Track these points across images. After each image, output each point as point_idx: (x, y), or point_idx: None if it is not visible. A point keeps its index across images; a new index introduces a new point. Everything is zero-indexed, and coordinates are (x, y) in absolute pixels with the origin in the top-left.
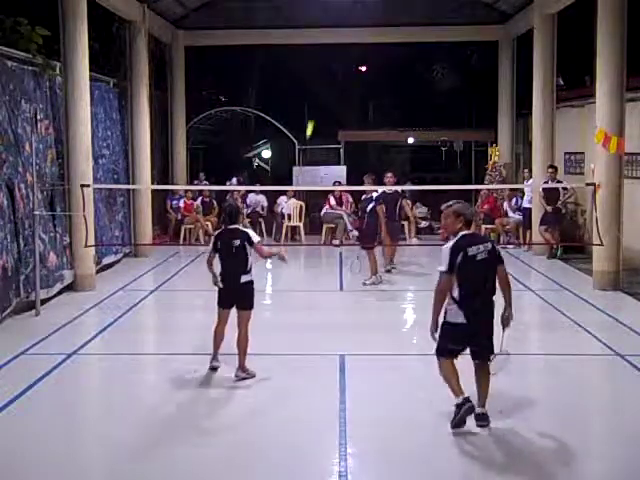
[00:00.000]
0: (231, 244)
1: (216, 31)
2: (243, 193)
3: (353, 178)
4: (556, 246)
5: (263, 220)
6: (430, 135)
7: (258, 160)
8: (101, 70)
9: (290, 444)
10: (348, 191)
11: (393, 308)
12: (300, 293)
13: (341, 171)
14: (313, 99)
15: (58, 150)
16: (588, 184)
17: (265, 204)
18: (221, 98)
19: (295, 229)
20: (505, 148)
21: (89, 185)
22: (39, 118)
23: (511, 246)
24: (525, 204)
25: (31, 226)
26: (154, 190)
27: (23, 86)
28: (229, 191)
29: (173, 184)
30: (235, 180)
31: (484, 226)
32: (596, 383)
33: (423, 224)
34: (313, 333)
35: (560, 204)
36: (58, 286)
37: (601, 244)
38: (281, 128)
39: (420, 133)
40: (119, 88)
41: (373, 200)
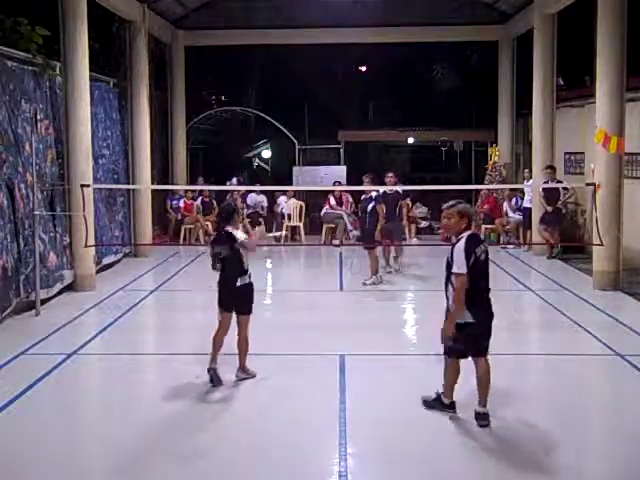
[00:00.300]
0: (223, 249)
1: (216, 31)
2: (243, 193)
3: (353, 178)
4: (555, 246)
5: (263, 220)
6: (430, 135)
7: (258, 160)
8: (101, 70)
9: (290, 444)
10: (348, 191)
11: (393, 308)
12: (300, 293)
13: (341, 171)
14: (313, 99)
15: (58, 150)
16: (588, 184)
17: (265, 204)
18: (221, 98)
19: (295, 229)
20: (505, 148)
21: (89, 185)
22: (39, 118)
23: (511, 246)
24: (525, 204)
25: (31, 226)
26: (154, 190)
27: (23, 86)
28: (229, 191)
29: (173, 184)
30: (235, 180)
31: (484, 226)
32: (596, 383)
33: (423, 224)
34: (313, 333)
35: (560, 204)
36: (58, 286)
37: (601, 244)
38: (281, 128)
39: (420, 133)
40: (119, 88)
41: (373, 200)
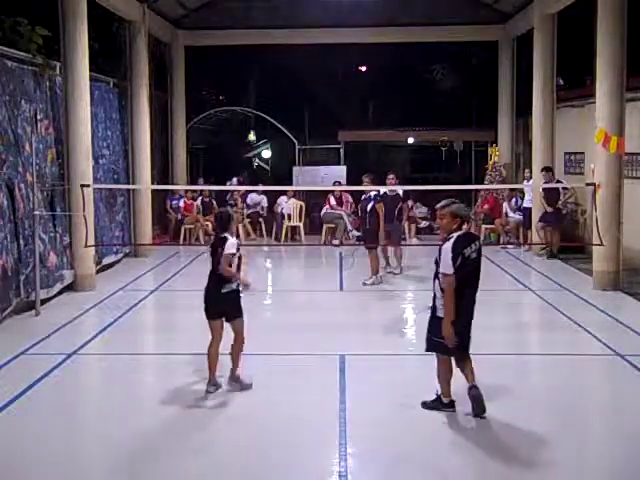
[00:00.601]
0: (214, 255)
1: (216, 31)
2: (243, 193)
3: (353, 178)
4: (548, 245)
5: (263, 220)
6: (430, 135)
7: (258, 160)
8: (101, 70)
9: (290, 444)
10: (348, 191)
11: (393, 308)
12: (300, 293)
13: (341, 171)
14: (313, 99)
15: (58, 150)
16: (588, 184)
17: (265, 204)
18: (221, 98)
19: (295, 229)
20: (505, 148)
21: (89, 185)
22: (39, 118)
23: (511, 246)
24: (525, 204)
25: (31, 226)
26: (154, 190)
27: (23, 86)
28: (229, 191)
29: (173, 184)
30: (235, 180)
31: (484, 226)
32: (596, 383)
33: (423, 224)
34: (313, 333)
35: (560, 204)
36: (58, 286)
37: (601, 244)
38: (281, 128)
39: (420, 133)
40: (119, 88)
41: (372, 199)
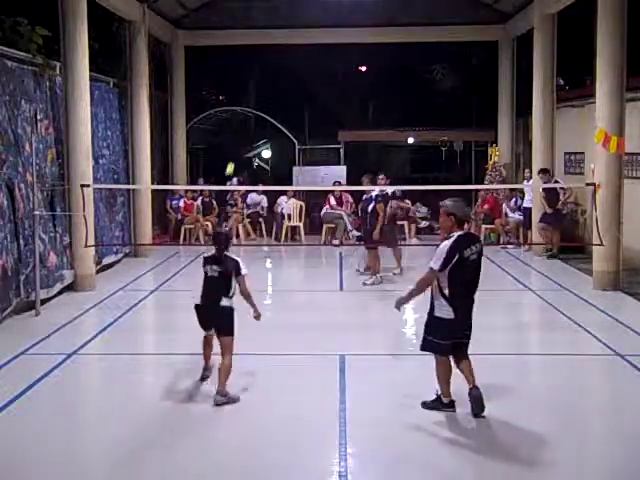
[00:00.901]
0: (215, 269)
1: (216, 31)
2: (243, 193)
3: (353, 178)
4: (551, 246)
5: (263, 220)
6: (430, 135)
7: (258, 160)
8: (101, 70)
9: (290, 444)
10: (348, 191)
11: (393, 308)
12: (300, 293)
13: (341, 171)
14: (313, 99)
15: (58, 150)
16: (588, 184)
17: (265, 204)
18: (221, 98)
19: (295, 229)
20: (505, 148)
21: (89, 185)
22: (39, 118)
23: (511, 246)
24: (525, 204)
25: (31, 226)
26: (154, 190)
27: (23, 86)
28: (229, 191)
29: (173, 184)
30: (235, 180)
31: (484, 226)
32: (596, 383)
33: (423, 224)
34: (313, 333)
35: (560, 205)
36: (58, 286)
37: (601, 244)
38: (281, 128)
39: (420, 133)
40: (119, 88)
41: (373, 200)
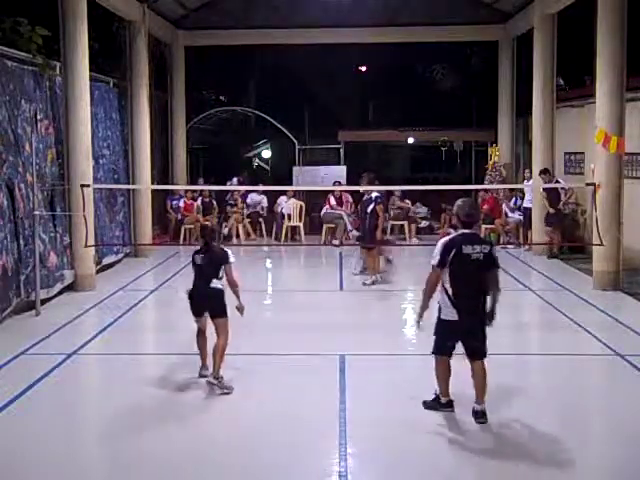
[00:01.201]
0: (204, 258)
1: (216, 31)
2: (243, 193)
3: (353, 178)
4: (557, 247)
5: (263, 220)
6: (430, 135)
7: (258, 160)
8: (101, 70)
9: (290, 444)
10: (348, 191)
11: (393, 308)
12: (300, 293)
13: (341, 171)
14: (313, 99)
15: (58, 150)
16: (588, 184)
17: (265, 204)
18: (221, 98)
19: (295, 229)
20: (505, 148)
21: (89, 185)
22: (39, 118)
23: (511, 246)
24: (525, 204)
25: (31, 226)
26: (154, 190)
27: (23, 86)
28: (229, 191)
29: (173, 184)
30: (235, 180)
31: (484, 226)
32: (596, 383)
33: (423, 224)
34: (313, 333)
35: (562, 205)
36: (58, 286)
37: (601, 244)
38: (281, 128)
39: (420, 133)
40: (119, 88)
41: (373, 201)
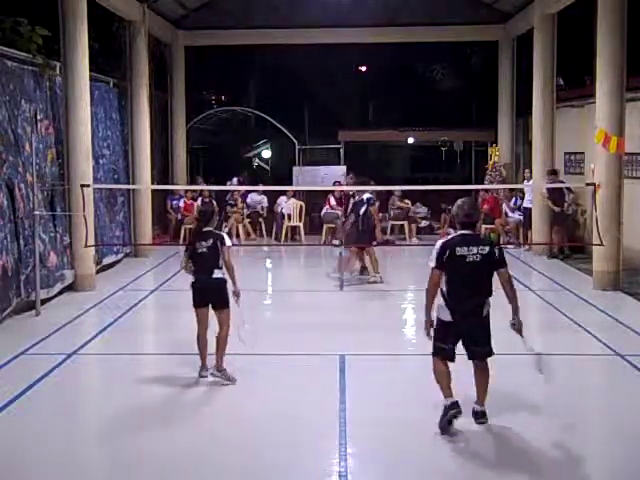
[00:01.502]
0: (203, 245)
1: (216, 31)
2: (243, 193)
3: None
4: (557, 247)
5: (263, 220)
6: (430, 135)
7: (258, 160)
8: (101, 70)
9: (290, 444)
10: (348, 191)
11: (393, 308)
12: (300, 293)
13: (341, 171)
14: (313, 99)
15: (58, 150)
16: (588, 184)
17: (265, 204)
18: (221, 98)
19: (295, 229)
20: (505, 148)
21: (89, 185)
22: (39, 118)
23: (511, 246)
24: (525, 204)
25: (31, 226)
26: (154, 190)
27: (23, 86)
28: (229, 191)
29: (173, 184)
30: (235, 180)
31: (484, 226)
32: (596, 383)
33: (423, 224)
34: (313, 333)
35: (566, 205)
36: (59, 286)
37: (601, 244)
38: (281, 128)
39: (420, 133)
40: (119, 88)
41: (365, 203)
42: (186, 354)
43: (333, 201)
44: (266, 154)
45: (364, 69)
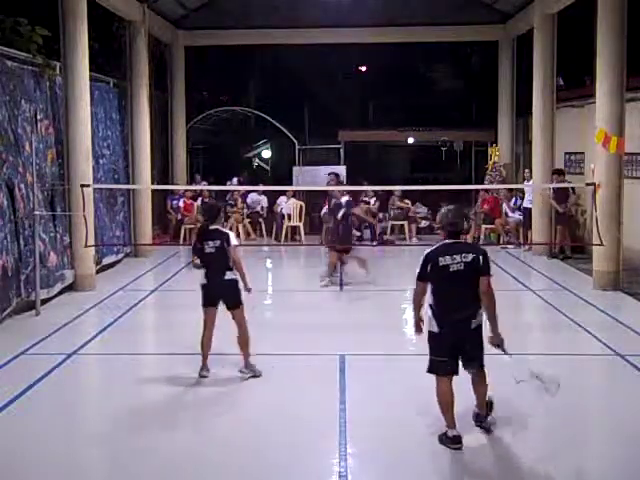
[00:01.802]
0: (210, 244)
1: (216, 31)
2: (243, 193)
3: (353, 178)
4: (558, 247)
5: (263, 220)
6: (430, 135)
7: (258, 160)
8: (101, 70)
9: (290, 444)
10: (348, 191)
11: (393, 308)
12: (300, 293)
13: (341, 171)
14: (313, 99)
15: (58, 150)
16: (588, 184)
17: (265, 204)
18: (221, 98)
19: (295, 229)
20: (505, 148)
21: (89, 185)
22: (39, 118)
23: (511, 246)
24: (525, 204)
25: (31, 226)
26: (154, 190)
27: (23, 86)
28: (229, 191)
29: (173, 184)
30: (235, 180)
31: (484, 226)
32: (596, 383)
33: (423, 224)
34: (313, 333)
35: (570, 205)
36: (59, 286)
37: (601, 244)
38: (281, 128)
39: (420, 133)
40: (119, 88)
41: (344, 206)
42: (186, 354)
43: None
44: (266, 154)
45: (364, 69)
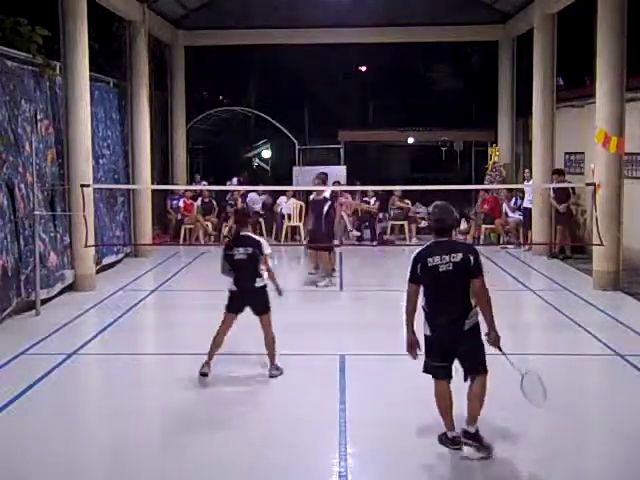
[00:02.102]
0: (241, 251)
1: (216, 31)
2: (243, 193)
3: (353, 178)
4: (558, 247)
5: (263, 220)
6: (430, 135)
7: (258, 160)
8: (101, 70)
9: (290, 444)
10: (348, 191)
11: (393, 308)
12: (300, 293)
13: (341, 171)
14: (313, 99)
15: (58, 150)
16: (588, 184)
17: (260, 204)
18: (221, 98)
19: (295, 229)
20: (505, 148)
21: (89, 185)
22: (39, 118)
23: (511, 246)
24: (525, 204)
25: (31, 226)
26: (154, 190)
27: (23, 86)
28: (229, 191)
29: (173, 184)
30: (235, 180)
31: (484, 226)
32: (596, 383)
33: (423, 224)
34: (313, 333)
35: (571, 204)
36: (59, 286)
37: (601, 244)
38: (281, 128)
39: (420, 133)
40: (119, 88)
41: (328, 201)
42: (186, 354)
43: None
44: (266, 154)
45: (364, 69)
